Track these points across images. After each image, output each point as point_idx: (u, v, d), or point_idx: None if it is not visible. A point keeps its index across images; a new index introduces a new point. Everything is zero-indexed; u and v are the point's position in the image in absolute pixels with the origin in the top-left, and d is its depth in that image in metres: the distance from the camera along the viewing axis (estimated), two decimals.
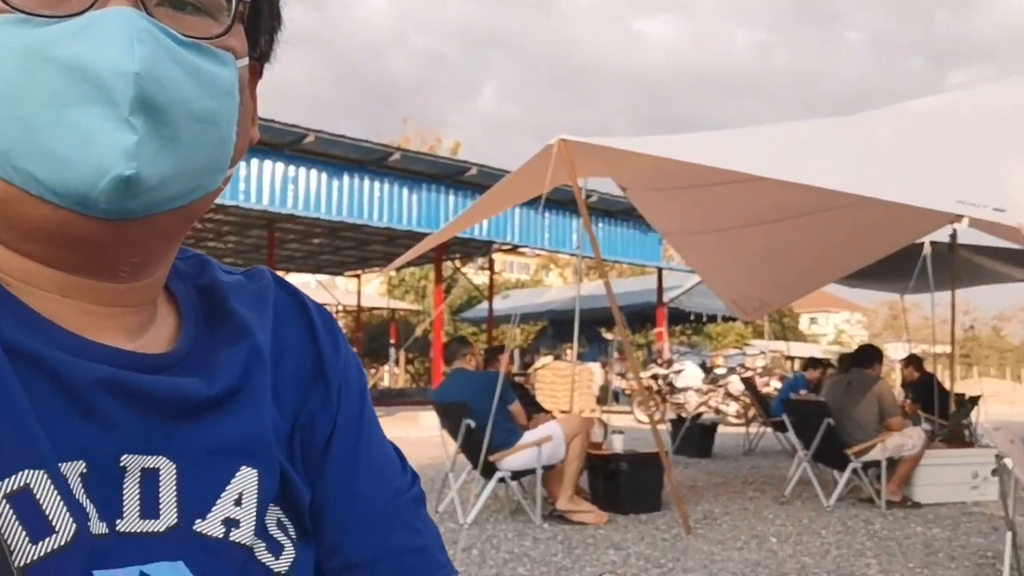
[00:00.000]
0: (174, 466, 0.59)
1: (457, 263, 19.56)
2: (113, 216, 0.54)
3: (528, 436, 5.74)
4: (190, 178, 0.57)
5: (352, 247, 16.86)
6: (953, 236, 9.33)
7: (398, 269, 21.99)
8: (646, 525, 5.79)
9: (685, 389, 14.72)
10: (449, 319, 25.39)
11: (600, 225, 15.47)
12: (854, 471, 6.67)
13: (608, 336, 23.31)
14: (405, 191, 13.55)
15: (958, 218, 4.08)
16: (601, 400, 17.22)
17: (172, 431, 0.60)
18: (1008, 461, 4.15)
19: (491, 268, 20.80)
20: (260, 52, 0.66)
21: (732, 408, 13.80)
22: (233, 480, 0.62)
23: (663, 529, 5.67)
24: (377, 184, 13.21)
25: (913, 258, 9.83)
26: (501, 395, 5.59)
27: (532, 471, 5.78)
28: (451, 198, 14.03)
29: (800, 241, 8.23)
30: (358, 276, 21.45)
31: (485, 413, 5.60)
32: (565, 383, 15.67)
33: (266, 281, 0.74)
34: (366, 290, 24.56)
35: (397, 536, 0.71)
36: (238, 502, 0.61)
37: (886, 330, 35.95)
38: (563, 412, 9.26)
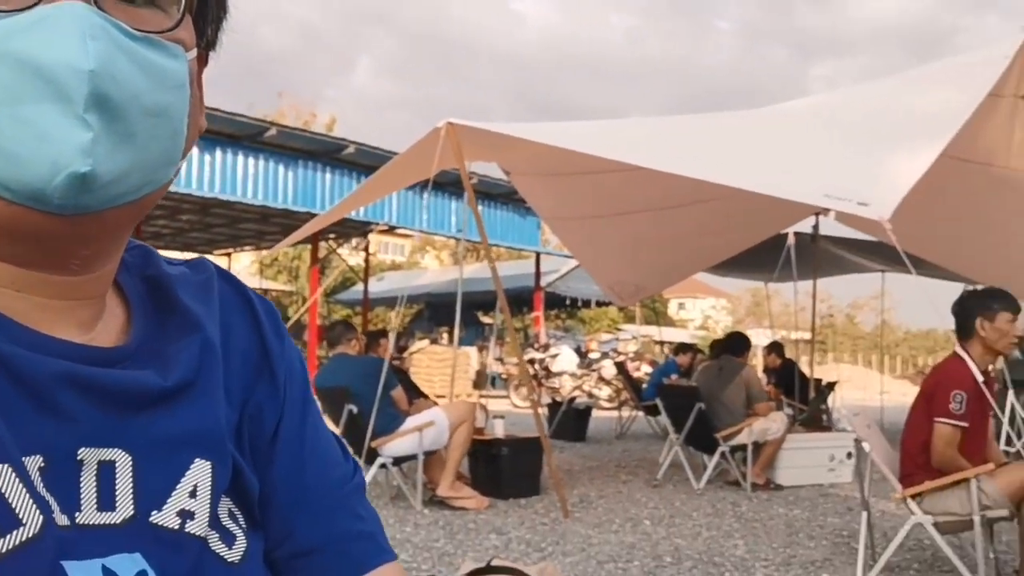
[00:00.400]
0: (130, 458, 0.60)
1: (332, 244, 19.22)
2: (67, 212, 0.54)
3: (410, 422, 5.70)
4: (144, 172, 0.57)
5: (223, 224, 16.29)
6: (815, 228, 9.81)
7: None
8: (526, 509, 5.85)
9: (560, 373, 14.96)
10: (323, 301, 24.94)
11: (480, 208, 15.49)
12: (722, 455, 6.92)
13: (486, 320, 23.42)
14: (281, 168, 13.18)
15: (825, 211, 4.26)
16: (477, 385, 17.32)
17: (128, 424, 0.60)
18: (866, 445, 4.37)
19: (367, 250, 20.55)
20: (207, 41, 0.66)
21: (605, 392, 14.10)
22: (188, 472, 0.63)
23: (542, 513, 5.75)
24: (251, 160, 12.80)
25: (778, 248, 10.28)
26: (384, 381, 5.53)
27: (413, 457, 5.75)
28: (328, 176, 13.75)
29: (676, 229, 8.47)
30: (228, 255, 20.79)
31: (367, 398, 5.52)
32: (441, 367, 15.69)
33: (210, 272, 0.75)
34: (236, 269, 23.85)
35: (343, 523, 0.74)
36: (193, 494, 0.63)
37: (748, 316, 37.53)
38: (439, 397, 9.26)
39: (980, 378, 4.09)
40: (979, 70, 5.02)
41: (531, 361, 15.65)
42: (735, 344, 7.60)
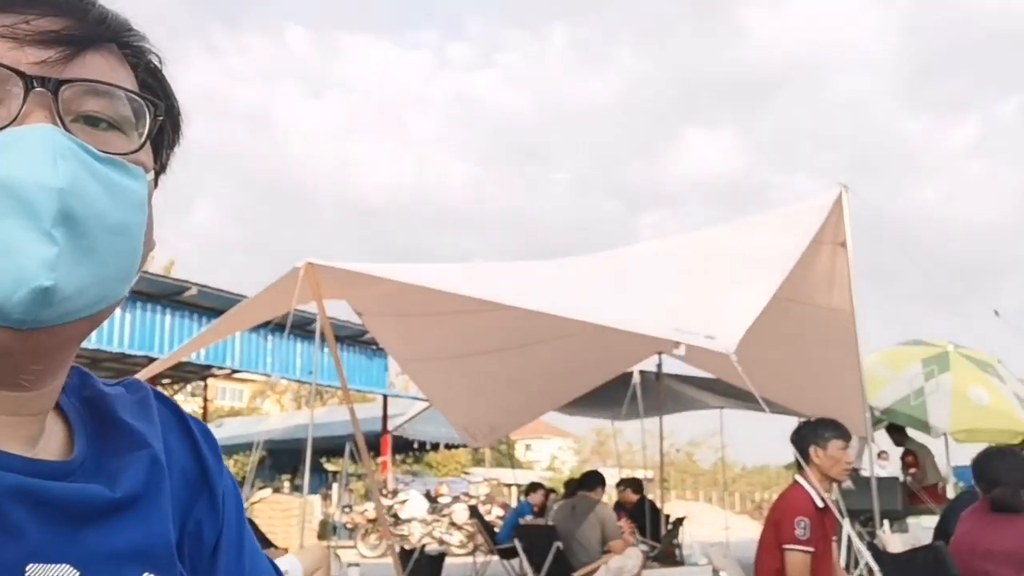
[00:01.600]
0: (78, 573, 0.59)
1: (168, 389, 18.36)
2: (25, 326, 0.55)
3: None
4: (101, 288, 0.59)
5: None
6: (659, 366, 10.23)
7: None
8: None
9: (410, 520, 14.57)
10: None
11: (325, 349, 15.26)
12: None
13: (329, 467, 22.68)
14: (117, 311, 12.64)
15: (676, 345, 4.49)
16: (322, 535, 16.58)
17: (76, 538, 0.60)
18: (724, 575, 4.49)
19: (206, 396, 19.75)
20: (161, 165, 0.69)
21: (456, 537, 13.81)
22: None
23: None
24: None
25: (624, 386, 10.61)
26: None
27: None
28: (168, 318, 13.28)
29: (528, 369, 8.63)
30: None
31: None
32: (284, 517, 14.96)
33: (145, 392, 0.75)
34: None
35: None
36: None
37: (594, 455, 38.02)
38: (281, 548, 8.81)
39: (820, 504, 4.32)
40: (802, 219, 5.54)
41: None
42: (588, 481, 7.69)
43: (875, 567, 3.81)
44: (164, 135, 0.68)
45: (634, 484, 10.74)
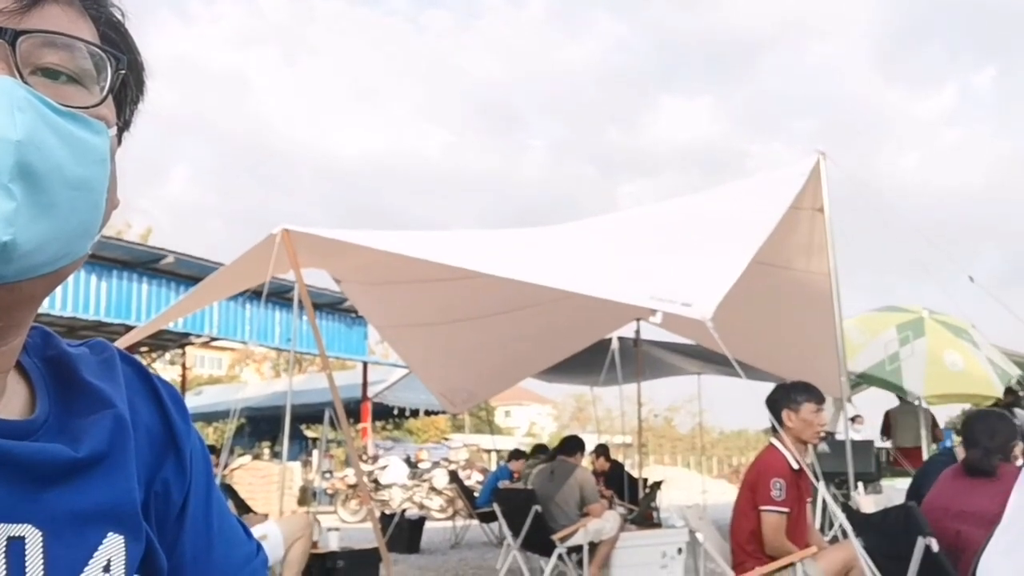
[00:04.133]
0: (40, 534, 0.58)
1: (146, 357, 18.26)
2: None
3: None
4: (62, 244, 0.57)
5: None
6: (637, 332, 10.28)
7: None
8: None
9: (390, 485, 14.63)
10: None
11: (304, 318, 15.21)
12: (559, 556, 6.95)
13: (309, 434, 22.72)
14: (93, 278, 12.53)
15: (652, 312, 4.51)
16: (302, 501, 16.64)
17: (38, 497, 0.59)
18: (700, 536, 4.55)
19: (184, 363, 19.67)
20: (124, 121, 0.68)
21: (436, 502, 13.90)
22: (101, 546, 0.62)
23: None
24: None
25: (603, 352, 10.67)
26: None
27: None
28: (145, 286, 13.18)
29: (507, 336, 8.65)
30: None
31: None
32: (264, 484, 14.98)
33: (111, 352, 0.74)
34: None
35: None
36: (107, 568, 0.62)
37: (573, 422, 38.26)
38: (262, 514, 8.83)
39: (795, 466, 4.38)
40: (780, 186, 5.55)
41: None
42: (568, 445, 7.75)
43: (849, 527, 3.87)
44: (127, 90, 0.67)
45: (604, 451, 10.87)
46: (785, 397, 4.48)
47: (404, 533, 9.88)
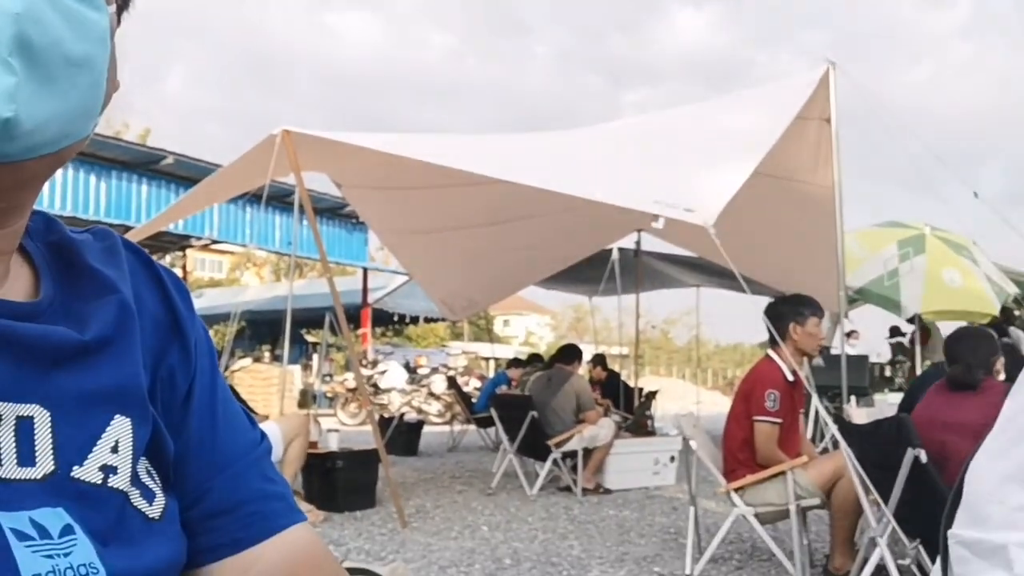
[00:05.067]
0: (48, 414, 0.59)
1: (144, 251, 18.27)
2: None
3: None
4: (64, 123, 0.56)
5: None
6: (638, 243, 10.27)
7: None
8: (362, 522, 5.78)
9: (389, 390, 14.83)
10: None
11: (305, 222, 15.16)
12: (554, 461, 7.09)
13: (310, 338, 22.91)
14: (92, 178, 12.45)
15: (655, 218, 4.49)
16: (303, 404, 16.89)
17: (45, 378, 0.59)
18: (693, 443, 4.62)
19: (185, 266, 19.69)
20: (122, 0, 0.66)
21: (434, 408, 14.10)
22: (108, 428, 0.62)
23: (379, 524, 5.69)
24: (60, 170, 12.01)
25: (603, 263, 10.68)
26: None
27: None
28: (144, 187, 13.10)
29: (507, 244, 8.64)
30: None
31: None
32: (264, 386, 15.19)
33: (114, 239, 0.74)
34: None
35: (256, 484, 0.75)
36: (115, 449, 0.62)
37: (571, 332, 38.59)
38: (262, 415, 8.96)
39: (791, 378, 4.43)
40: (787, 95, 5.45)
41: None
42: (566, 353, 7.82)
43: (840, 438, 3.93)
44: None
45: (601, 360, 10.96)
46: (792, 310, 4.50)
47: (403, 436, 10.05)
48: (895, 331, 12.21)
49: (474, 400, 10.74)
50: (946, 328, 10.98)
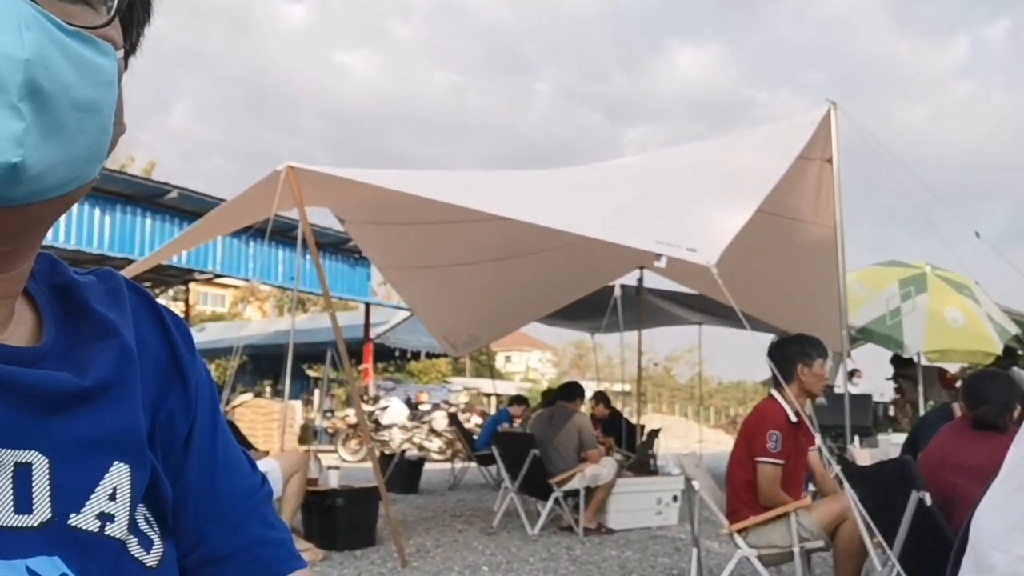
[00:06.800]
0: (46, 460, 0.58)
1: (150, 292, 18.29)
2: None
3: None
4: (71, 167, 0.56)
5: None
6: (640, 280, 10.27)
7: None
8: (361, 561, 5.72)
9: (390, 426, 14.76)
10: None
11: (308, 257, 15.19)
12: (556, 500, 7.03)
13: (311, 373, 22.86)
14: (97, 211, 12.50)
15: (657, 257, 4.49)
16: (303, 440, 16.81)
17: (44, 425, 0.59)
18: (696, 484, 4.59)
19: (187, 300, 19.70)
20: (130, 45, 0.66)
21: (436, 444, 14.02)
22: (107, 475, 0.62)
23: (379, 564, 5.64)
24: None
25: (605, 300, 10.68)
26: None
27: None
28: (148, 221, 13.14)
29: (510, 281, 8.65)
30: None
31: None
32: (265, 421, 15.12)
33: (118, 281, 0.74)
34: None
35: (256, 530, 0.74)
36: (112, 496, 0.62)
37: (573, 368, 38.47)
38: (262, 451, 8.92)
39: (793, 419, 4.40)
40: (789, 135, 5.49)
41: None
42: (568, 391, 7.79)
43: (844, 480, 3.90)
44: (134, 12, 0.65)
45: (603, 398, 10.91)
46: (799, 351, 4.48)
47: (403, 473, 9.99)
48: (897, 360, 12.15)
49: (475, 437, 10.68)
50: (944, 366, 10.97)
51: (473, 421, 14.59)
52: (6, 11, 0.52)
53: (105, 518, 0.61)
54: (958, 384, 9.90)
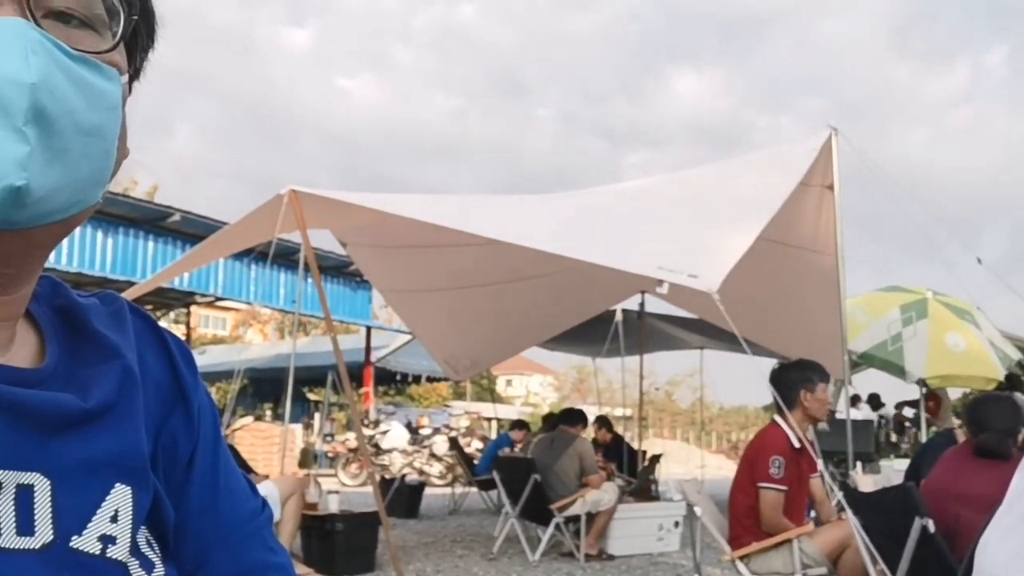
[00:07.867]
0: (48, 482, 0.59)
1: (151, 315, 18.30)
2: None
3: None
4: (75, 191, 0.57)
5: None
6: (641, 305, 10.27)
7: None
8: None
9: (390, 450, 14.71)
10: None
11: (309, 280, 15.21)
12: (557, 526, 6.99)
13: (312, 396, 22.81)
14: (99, 234, 12.53)
15: (659, 283, 4.50)
16: (303, 463, 16.74)
17: (46, 446, 0.59)
18: (697, 509, 4.56)
19: (189, 323, 19.70)
20: (134, 69, 0.67)
21: (436, 469, 13.96)
22: (108, 497, 0.62)
23: None
24: None
25: (607, 324, 10.67)
26: None
27: None
28: (151, 244, 13.17)
29: (511, 305, 8.65)
30: None
31: None
32: (265, 445, 15.08)
33: (120, 304, 0.74)
34: None
35: (257, 554, 0.74)
36: (114, 519, 0.62)
37: (574, 392, 38.37)
38: (262, 475, 8.89)
39: (797, 445, 4.38)
40: (790, 161, 5.51)
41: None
42: (570, 416, 7.77)
43: (847, 506, 3.88)
44: (138, 38, 0.66)
45: (606, 423, 10.88)
46: (801, 376, 4.46)
47: (403, 498, 9.94)
48: (901, 405, 12.18)
49: (476, 462, 10.64)
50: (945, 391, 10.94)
51: (474, 446, 14.53)
52: (12, 36, 0.53)
53: (107, 540, 0.61)
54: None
